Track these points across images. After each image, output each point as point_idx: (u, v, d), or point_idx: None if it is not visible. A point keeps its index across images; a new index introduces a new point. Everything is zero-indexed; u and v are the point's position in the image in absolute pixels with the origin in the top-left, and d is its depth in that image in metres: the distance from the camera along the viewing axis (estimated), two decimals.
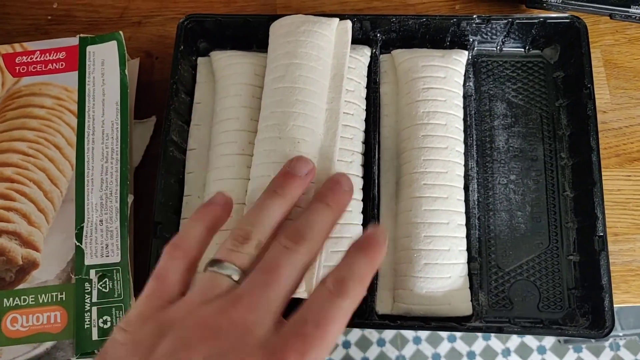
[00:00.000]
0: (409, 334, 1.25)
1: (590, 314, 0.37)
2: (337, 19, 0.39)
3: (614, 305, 0.39)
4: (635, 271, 0.40)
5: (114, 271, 0.37)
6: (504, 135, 0.43)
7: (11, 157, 0.40)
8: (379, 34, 0.43)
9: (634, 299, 0.39)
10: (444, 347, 1.23)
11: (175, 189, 0.41)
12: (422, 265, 0.38)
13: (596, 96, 0.43)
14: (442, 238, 0.38)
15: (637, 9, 0.42)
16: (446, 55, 0.42)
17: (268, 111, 0.38)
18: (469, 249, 0.39)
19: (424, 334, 1.24)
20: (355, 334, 1.27)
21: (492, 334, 1.21)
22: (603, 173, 0.41)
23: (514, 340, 1.23)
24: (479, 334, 1.22)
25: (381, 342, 1.26)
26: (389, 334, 1.25)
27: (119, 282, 0.37)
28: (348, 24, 0.40)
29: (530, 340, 1.22)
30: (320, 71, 0.37)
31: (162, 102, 0.44)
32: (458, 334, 1.22)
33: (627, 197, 0.41)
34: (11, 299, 0.37)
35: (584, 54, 0.40)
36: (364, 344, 1.26)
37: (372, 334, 1.26)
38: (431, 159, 0.39)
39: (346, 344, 1.27)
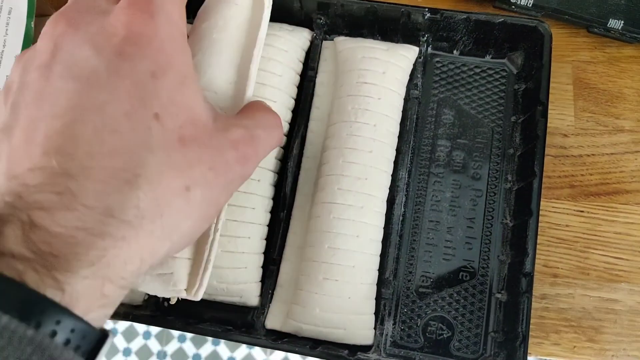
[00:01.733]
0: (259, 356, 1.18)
1: None
2: None
3: (540, 358, 0.34)
4: (570, 322, 0.34)
5: None
6: (447, 146, 0.38)
7: None
8: (323, 18, 0.39)
9: (563, 353, 0.33)
10: None
11: None
12: (320, 280, 0.33)
13: (557, 117, 0.38)
14: (348, 252, 0.33)
15: (616, 22, 0.37)
16: (391, 49, 0.37)
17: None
18: (382, 270, 0.34)
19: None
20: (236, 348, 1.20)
21: None
22: (552, 204, 0.36)
23: None
24: None
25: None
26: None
27: None
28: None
29: None
30: (226, 42, 0.32)
31: None
32: None
33: (576, 235, 0.36)
34: None
35: (543, 65, 0.35)
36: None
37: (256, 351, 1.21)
38: (351, 162, 0.34)
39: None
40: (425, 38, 0.38)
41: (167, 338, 1.24)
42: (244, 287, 0.34)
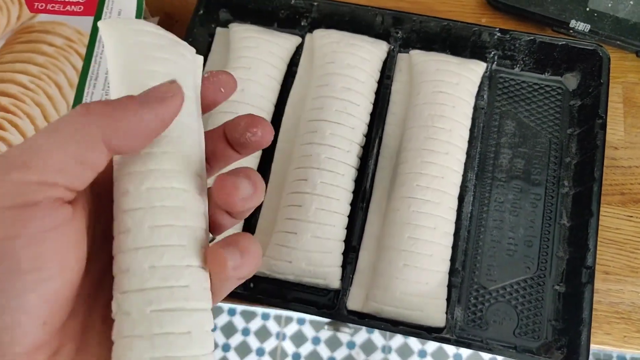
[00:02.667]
0: (378, 341, 1.27)
1: (566, 347, 0.35)
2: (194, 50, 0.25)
3: (594, 346, 0.37)
4: (620, 314, 0.38)
5: None
6: (509, 154, 0.42)
7: (10, 87, 0.40)
8: (400, 32, 0.43)
9: (614, 342, 0.37)
10: None
11: None
12: (401, 266, 0.36)
13: (610, 131, 0.42)
14: (426, 242, 0.37)
15: None
16: (463, 63, 0.41)
17: None
18: (453, 260, 0.38)
19: (394, 343, 1.25)
20: (326, 333, 1.30)
21: (464, 355, 1.20)
22: (604, 209, 0.40)
23: None
24: (451, 355, 1.22)
25: (351, 345, 1.29)
26: (359, 338, 1.27)
27: None
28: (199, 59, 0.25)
29: None
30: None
31: None
32: (429, 350, 1.22)
33: (626, 237, 0.40)
34: None
35: (602, 83, 0.39)
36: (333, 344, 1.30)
37: (343, 337, 1.30)
38: (429, 162, 0.38)
39: (315, 340, 1.29)
40: (492, 55, 0.43)
41: (251, 316, 1.32)
42: (328, 271, 0.37)
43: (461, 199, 0.39)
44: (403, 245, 0.37)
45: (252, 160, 0.40)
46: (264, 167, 0.41)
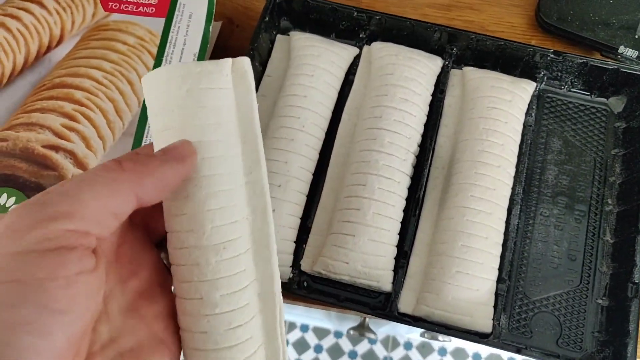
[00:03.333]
0: (380, 352, 1.30)
1: (610, 358, 0.37)
2: (230, 61, 0.26)
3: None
4: None
5: None
6: (555, 171, 0.43)
7: (85, 82, 0.42)
8: (455, 49, 0.45)
9: None
10: None
11: None
12: (453, 272, 0.38)
13: None
14: (478, 251, 0.38)
15: None
16: (515, 82, 0.43)
17: None
18: (500, 270, 0.40)
19: (396, 355, 1.29)
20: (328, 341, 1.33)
21: None
22: None
23: None
24: (470, 355, 1.29)
25: (352, 354, 1.32)
26: (361, 348, 1.32)
27: None
28: (245, 62, 0.26)
29: None
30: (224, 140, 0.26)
31: None
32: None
33: None
34: None
35: None
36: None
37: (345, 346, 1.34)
38: (483, 174, 0.40)
39: (318, 349, 1.32)
40: (541, 75, 0.45)
41: (289, 327, 1.34)
42: (381, 273, 0.39)
43: (509, 211, 0.41)
44: (456, 252, 0.38)
45: (309, 164, 0.42)
46: (320, 171, 0.43)
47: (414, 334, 1.24)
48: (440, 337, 0.62)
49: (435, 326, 0.37)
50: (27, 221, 0.19)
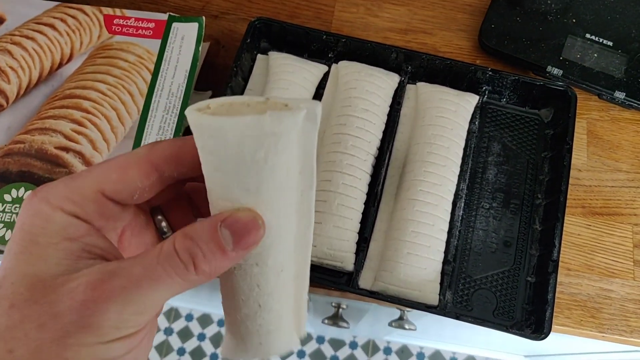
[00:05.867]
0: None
1: (534, 324, 0.44)
2: (304, 111, 0.22)
3: (555, 327, 0.46)
4: (578, 303, 0.47)
5: None
6: (494, 170, 0.51)
7: (91, 93, 0.49)
8: (410, 67, 0.53)
9: (572, 325, 0.46)
10: None
11: None
12: (405, 254, 0.45)
13: (575, 156, 0.52)
14: (426, 236, 0.46)
15: (620, 94, 0.51)
16: (460, 95, 0.51)
17: None
18: (446, 253, 0.47)
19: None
20: (311, 347, 1.37)
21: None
22: (568, 219, 0.49)
23: None
24: (447, 358, 1.38)
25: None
26: (342, 354, 1.38)
27: None
28: (317, 108, 0.23)
29: None
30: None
31: (219, 82, 0.53)
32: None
33: (584, 242, 0.49)
34: None
35: (570, 117, 0.49)
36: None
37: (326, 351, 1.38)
38: (430, 172, 0.47)
39: (300, 354, 1.36)
40: (484, 89, 0.52)
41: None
42: (345, 255, 0.46)
43: (454, 204, 0.48)
44: (407, 237, 0.46)
45: None
46: None
47: (393, 336, 1.30)
48: (407, 325, 0.68)
49: (389, 298, 0.44)
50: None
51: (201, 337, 1.40)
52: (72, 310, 0.20)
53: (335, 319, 0.72)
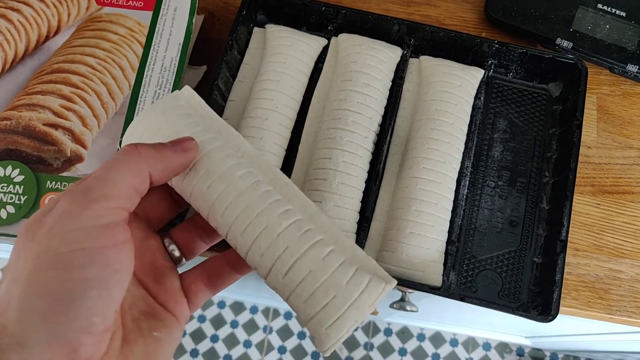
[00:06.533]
0: (361, 339, 1.39)
1: (540, 306, 0.43)
2: (177, 92, 0.37)
3: (563, 308, 0.45)
4: (586, 284, 0.45)
5: None
6: (500, 147, 0.49)
7: (80, 68, 0.47)
8: (413, 40, 0.50)
9: (580, 306, 0.45)
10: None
11: None
12: (407, 233, 0.43)
13: (584, 133, 0.50)
14: (429, 215, 0.44)
15: (633, 67, 0.49)
16: (465, 69, 0.49)
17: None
18: (450, 233, 0.45)
19: (376, 340, 1.33)
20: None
21: (459, 340, 1.29)
22: (577, 198, 0.48)
23: (479, 352, 1.34)
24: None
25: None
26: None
27: None
28: (186, 90, 0.37)
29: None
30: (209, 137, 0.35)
31: (214, 57, 0.51)
32: (409, 349, 1.38)
33: (593, 221, 0.47)
34: (54, 182, 0.43)
35: (580, 91, 0.47)
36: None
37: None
38: (434, 149, 0.46)
39: (301, 335, 1.35)
40: (489, 63, 0.50)
41: (240, 309, 1.42)
42: (345, 235, 0.44)
43: (459, 182, 0.46)
44: (410, 216, 0.44)
45: (281, 141, 0.47)
46: (292, 147, 0.48)
47: (393, 317, 1.30)
48: (408, 307, 0.67)
49: None
50: (78, 205, 0.24)
51: (234, 324, 1.40)
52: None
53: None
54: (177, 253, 0.33)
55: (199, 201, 0.31)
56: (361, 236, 0.45)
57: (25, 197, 0.42)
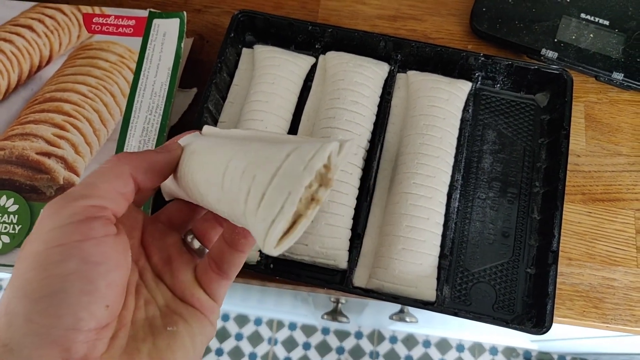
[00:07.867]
0: (366, 347, 1.39)
1: (535, 317, 0.43)
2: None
3: (557, 318, 0.45)
4: (580, 293, 0.46)
5: None
6: (490, 159, 0.50)
7: (72, 96, 0.47)
8: (399, 55, 0.51)
9: (575, 316, 0.45)
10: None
11: None
12: (399, 249, 0.44)
13: (573, 142, 0.50)
14: (421, 230, 0.44)
15: (618, 74, 0.49)
16: (452, 82, 0.49)
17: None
18: (442, 247, 0.45)
19: (382, 349, 1.34)
20: (316, 338, 1.38)
21: (466, 346, 1.29)
22: (568, 206, 0.48)
23: (485, 357, 1.35)
24: (453, 346, 1.38)
25: (340, 350, 1.35)
26: (348, 344, 1.38)
27: None
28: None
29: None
30: None
31: (204, 78, 0.51)
32: (415, 356, 1.36)
33: (585, 230, 0.47)
34: None
35: (567, 101, 0.47)
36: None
37: (332, 342, 1.38)
38: (423, 164, 0.46)
39: (306, 346, 1.35)
40: (476, 75, 0.51)
41: (244, 321, 1.43)
42: (337, 253, 0.45)
43: (450, 196, 0.47)
44: (401, 232, 0.44)
45: None
46: None
47: (398, 326, 1.30)
48: (407, 318, 0.67)
49: (383, 295, 0.43)
50: (58, 206, 0.25)
51: (239, 336, 1.40)
52: None
53: (335, 314, 0.71)
54: (196, 244, 0.32)
55: (192, 190, 0.30)
56: (353, 253, 0.45)
57: (20, 226, 0.43)
